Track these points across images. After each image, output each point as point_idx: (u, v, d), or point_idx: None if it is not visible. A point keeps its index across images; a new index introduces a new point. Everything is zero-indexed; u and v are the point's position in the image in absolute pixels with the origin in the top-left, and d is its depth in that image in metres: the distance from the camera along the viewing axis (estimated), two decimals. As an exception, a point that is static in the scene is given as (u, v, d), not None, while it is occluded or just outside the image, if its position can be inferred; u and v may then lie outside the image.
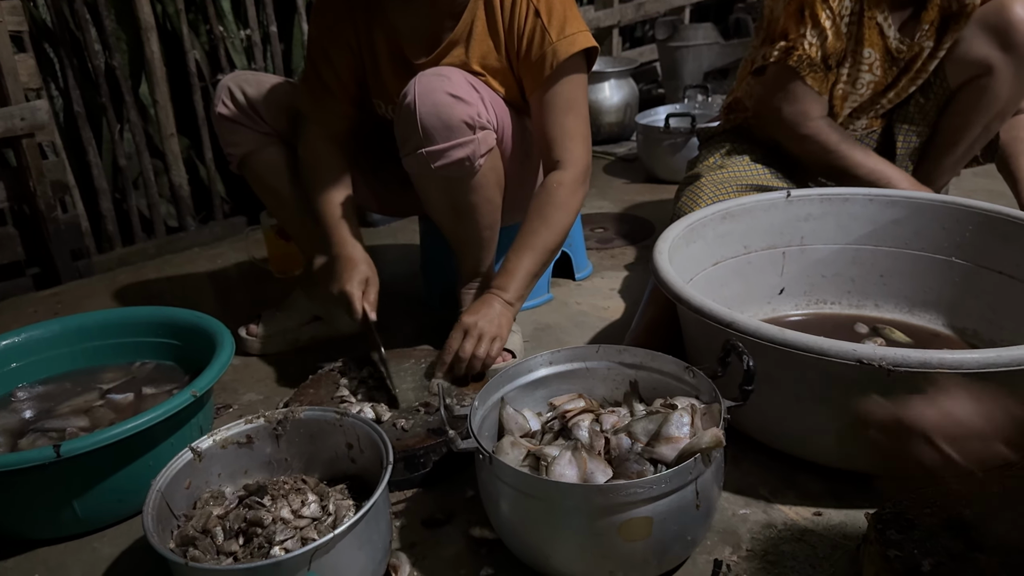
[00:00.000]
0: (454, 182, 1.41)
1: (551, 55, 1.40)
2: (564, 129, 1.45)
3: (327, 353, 1.61)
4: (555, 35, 1.40)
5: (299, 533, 0.97)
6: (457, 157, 1.36)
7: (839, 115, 1.72)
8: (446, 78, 1.34)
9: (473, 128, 1.35)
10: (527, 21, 1.41)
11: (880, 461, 1.06)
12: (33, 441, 1.26)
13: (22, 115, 2.04)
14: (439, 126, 1.34)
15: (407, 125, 1.36)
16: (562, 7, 1.42)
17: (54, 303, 2.10)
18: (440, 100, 1.32)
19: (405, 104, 1.34)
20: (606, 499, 0.93)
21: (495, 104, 1.42)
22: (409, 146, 1.38)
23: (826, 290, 1.62)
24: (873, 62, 1.63)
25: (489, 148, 1.39)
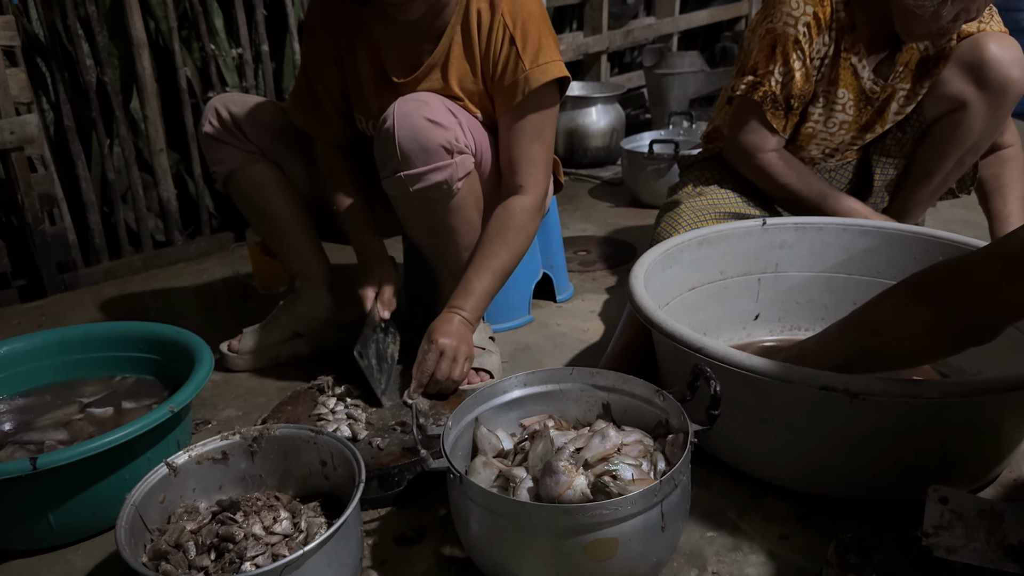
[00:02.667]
0: (433, 204, 1.44)
1: (523, 83, 1.43)
2: (529, 156, 1.48)
3: (308, 370, 1.63)
4: (528, 63, 1.43)
5: (270, 549, 0.99)
6: (435, 180, 1.39)
7: (806, 152, 1.75)
8: (424, 103, 1.38)
9: (451, 152, 1.39)
10: (502, 47, 1.44)
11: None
12: (11, 453, 1.27)
13: (12, 129, 2.06)
14: (417, 150, 1.37)
15: (386, 148, 1.39)
16: (537, 34, 1.45)
17: (39, 315, 2.11)
18: (418, 124, 1.36)
19: (384, 128, 1.38)
20: (572, 519, 0.95)
21: (473, 129, 1.45)
22: (388, 168, 1.41)
23: (800, 316, 1.65)
24: (846, 102, 1.67)
25: (467, 172, 1.43)
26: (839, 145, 1.75)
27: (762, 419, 1.16)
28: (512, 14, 1.43)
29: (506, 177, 1.51)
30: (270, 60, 2.57)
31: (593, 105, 3.11)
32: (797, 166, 1.70)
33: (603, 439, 1.10)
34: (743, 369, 1.10)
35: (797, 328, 1.65)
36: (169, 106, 2.43)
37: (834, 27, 1.60)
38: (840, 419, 1.09)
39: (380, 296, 1.48)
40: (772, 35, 1.60)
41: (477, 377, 1.58)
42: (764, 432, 1.18)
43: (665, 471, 1.05)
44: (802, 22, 1.58)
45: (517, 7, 1.44)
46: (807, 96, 1.65)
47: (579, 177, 3.08)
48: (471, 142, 1.43)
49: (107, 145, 2.37)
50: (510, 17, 1.43)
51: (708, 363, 1.12)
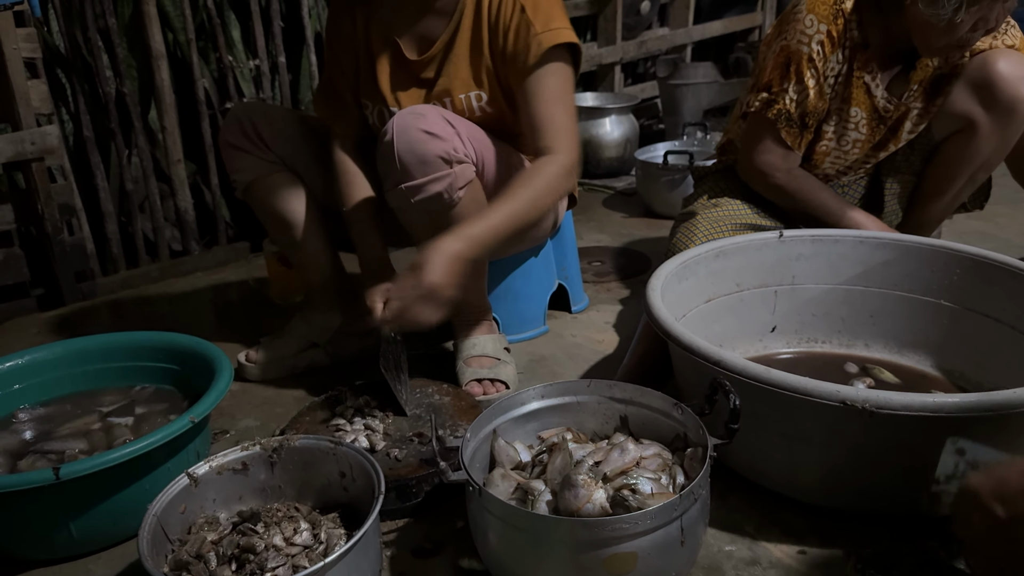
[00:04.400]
0: (435, 214, 1.45)
1: (535, 45, 1.44)
2: (552, 119, 1.45)
3: (325, 380, 1.64)
4: (540, 28, 1.44)
5: (290, 560, 0.99)
6: (435, 191, 1.41)
7: (820, 170, 1.75)
8: (421, 116, 1.40)
9: (450, 162, 1.40)
10: (512, 17, 1.46)
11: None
12: (33, 463, 1.28)
13: (32, 140, 2.08)
14: (415, 162, 1.39)
15: (387, 161, 1.42)
16: (547, 4, 1.47)
17: (57, 324, 2.13)
18: (415, 137, 1.38)
19: (385, 141, 1.41)
20: (591, 533, 0.95)
21: (473, 137, 1.46)
22: (390, 181, 1.44)
23: (817, 329, 1.64)
24: (859, 120, 1.66)
25: (468, 180, 1.44)
26: (853, 163, 1.75)
27: (781, 433, 1.16)
28: None
29: (531, 142, 1.47)
30: (287, 72, 2.59)
31: (607, 116, 3.12)
32: (812, 183, 1.70)
33: (622, 452, 1.10)
34: (762, 382, 1.10)
35: (814, 341, 1.64)
36: (186, 117, 2.45)
37: (847, 45, 1.59)
38: (859, 433, 1.09)
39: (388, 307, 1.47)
40: (786, 52, 1.61)
41: (493, 388, 1.58)
42: (783, 446, 1.17)
43: (684, 485, 1.05)
44: (815, 40, 1.57)
45: None
46: (821, 113, 1.65)
47: (593, 187, 3.09)
48: (471, 151, 1.44)
49: (125, 156, 2.39)
50: None
51: (727, 376, 1.12)
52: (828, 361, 1.60)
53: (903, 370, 1.56)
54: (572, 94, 1.52)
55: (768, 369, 1.12)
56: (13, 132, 2.07)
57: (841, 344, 1.64)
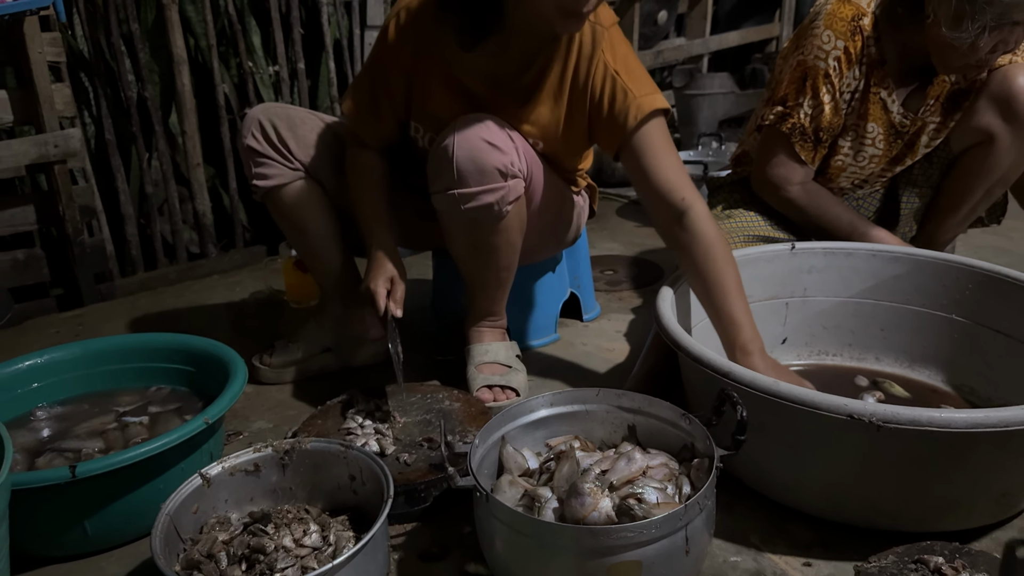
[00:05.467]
0: (480, 224, 1.46)
1: (635, 108, 1.42)
2: (676, 169, 1.44)
3: (337, 384, 1.65)
4: (637, 92, 1.43)
5: (300, 562, 1.01)
6: (486, 201, 1.42)
7: (835, 184, 1.76)
8: (485, 125, 1.40)
9: (505, 176, 1.41)
10: (606, 83, 1.44)
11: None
12: (50, 460, 1.31)
13: (55, 142, 2.12)
14: (473, 171, 1.39)
15: (441, 165, 1.41)
16: (638, 70, 1.46)
17: (76, 324, 2.16)
18: (477, 146, 1.38)
19: (443, 146, 1.40)
20: (596, 541, 0.96)
21: (527, 154, 1.47)
22: (440, 184, 1.44)
23: (827, 342, 1.65)
24: (876, 136, 1.66)
25: (517, 196, 1.45)
26: (868, 177, 1.75)
27: (787, 445, 1.16)
28: (612, 51, 1.45)
29: (665, 197, 1.42)
30: (306, 78, 2.62)
31: (622, 125, 3.13)
32: (825, 197, 1.70)
33: (629, 462, 1.11)
34: (769, 395, 1.11)
35: (824, 353, 1.65)
36: (206, 122, 2.49)
37: (864, 62, 1.60)
38: (866, 447, 1.09)
39: (393, 294, 1.47)
40: (803, 67, 1.61)
41: (504, 395, 1.60)
42: (789, 458, 1.18)
43: (690, 495, 1.06)
44: (832, 56, 1.58)
45: (616, 44, 1.46)
46: (836, 129, 1.65)
47: (607, 196, 3.10)
48: (524, 167, 1.45)
49: (146, 159, 2.43)
50: (610, 53, 1.44)
51: (734, 387, 1.13)
52: (838, 374, 1.61)
53: (914, 384, 1.56)
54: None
55: (776, 381, 1.12)
56: (37, 134, 2.11)
57: (852, 357, 1.64)
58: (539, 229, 1.62)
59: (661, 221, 1.45)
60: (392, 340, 1.45)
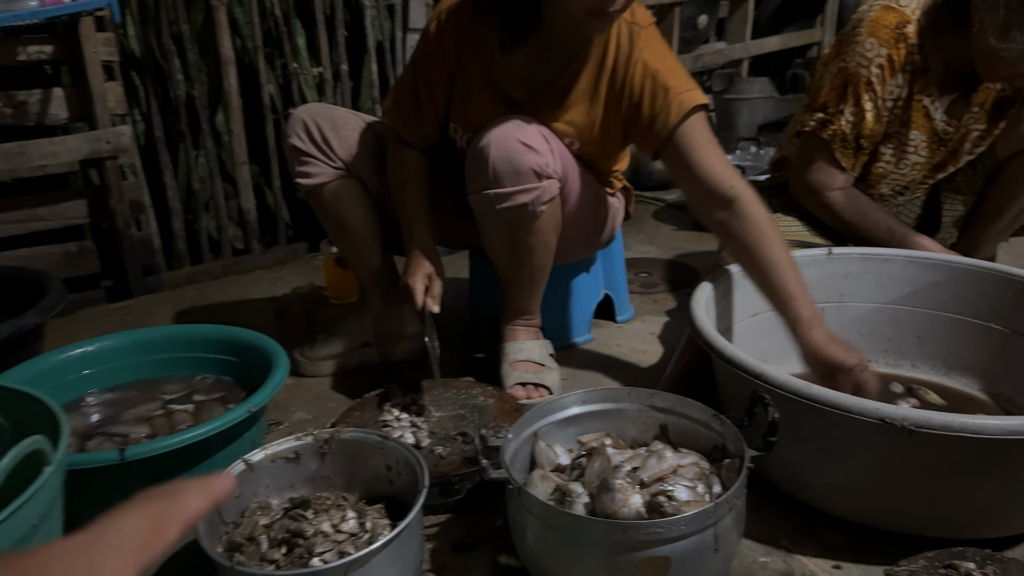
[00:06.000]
0: (515, 223, 1.49)
1: (676, 105, 1.44)
2: (720, 159, 1.46)
3: (375, 378, 1.69)
4: (678, 89, 1.45)
5: (337, 547, 1.04)
6: (521, 201, 1.45)
7: (876, 190, 1.75)
8: (520, 127, 1.43)
9: (540, 176, 1.44)
10: (645, 83, 1.46)
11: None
12: (99, 444, 1.36)
13: (108, 139, 2.19)
14: (508, 171, 1.42)
15: (478, 165, 1.45)
16: (676, 67, 1.49)
17: (124, 315, 2.23)
18: (512, 147, 1.41)
19: (479, 146, 1.43)
20: (626, 536, 0.98)
21: (562, 155, 1.50)
22: (476, 185, 1.47)
23: (863, 348, 1.62)
24: (919, 144, 1.66)
25: (552, 196, 1.47)
26: (910, 183, 1.74)
27: (820, 448, 1.17)
28: (650, 49, 1.47)
29: (714, 188, 1.43)
30: (348, 79, 2.67)
31: (660, 129, 3.13)
32: (864, 203, 1.70)
33: (660, 460, 1.13)
34: (802, 397, 1.12)
35: (859, 359, 1.64)
36: (252, 121, 2.55)
37: (908, 69, 1.59)
38: (898, 452, 1.09)
39: (431, 290, 1.51)
40: (844, 74, 1.61)
41: (537, 392, 1.62)
42: (820, 461, 1.19)
43: (720, 494, 1.07)
44: (875, 63, 1.58)
45: (654, 42, 1.48)
46: (877, 136, 1.65)
47: (643, 199, 3.10)
48: (559, 168, 1.48)
49: (193, 156, 2.49)
50: (649, 52, 1.47)
51: (767, 390, 1.14)
52: (873, 380, 1.60)
53: (949, 392, 1.55)
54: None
55: (808, 384, 1.13)
56: (90, 131, 2.18)
57: (887, 364, 1.63)
58: (574, 230, 1.64)
59: (710, 212, 1.45)
60: (429, 335, 1.48)
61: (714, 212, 1.44)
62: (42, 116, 2.16)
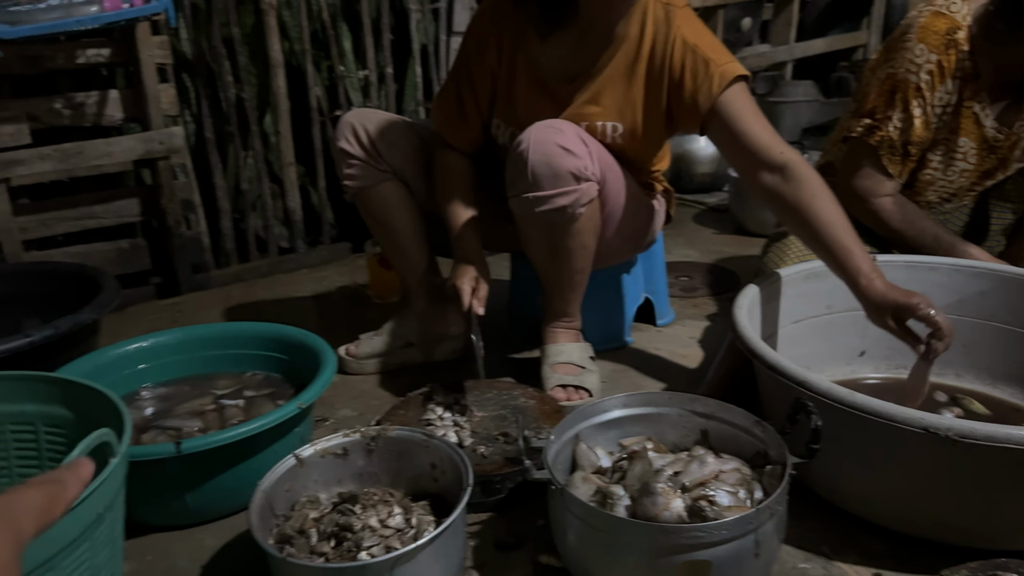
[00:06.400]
0: (554, 226, 1.51)
1: (719, 76, 1.47)
2: (766, 129, 1.47)
3: (418, 377, 1.72)
4: (719, 61, 1.48)
5: (384, 541, 1.07)
6: (560, 204, 1.47)
7: (923, 197, 1.73)
8: (559, 131, 1.45)
9: (579, 179, 1.46)
10: (685, 59, 1.49)
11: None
12: (154, 437, 1.40)
13: (160, 139, 2.25)
14: (548, 174, 1.45)
15: (517, 169, 1.47)
16: (715, 42, 1.52)
17: (174, 312, 2.29)
18: (551, 151, 1.44)
19: (519, 151, 1.46)
20: (668, 539, 0.99)
21: (602, 158, 1.52)
22: (516, 188, 1.50)
23: (907, 355, 1.61)
24: (968, 151, 1.64)
25: (591, 199, 1.49)
26: (957, 191, 1.72)
27: (862, 456, 1.17)
28: (688, 26, 1.51)
29: (762, 156, 1.45)
30: (393, 82, 2.71)
31: (702, 132, 3.13)
32: (912, 211, 1.68)
33: (701, 465, 1.14)
34: (846, 405, 1.12)
35: (903, 367, 1.62)
36: (298, 123, 2.60)
37: (958, 76, 1.58)
38: (942, 461, 1.09)
39: (477, 292, 1.55)
40: (892, 80, 1.60)
41: (577, 395, 1.63)
42: (863, 469, 1.18)
43: (762, 500, 1.08)
44: (925, 69, 1.57)
45: (691, 19, 1.52)
46: (926, 143, 1.63)
47: (684, 202, 3.10)
48: (597, 171, 1.50)
49: (242, 157, 2.55)
50: (687, 28, 1.50)
51: (810, 397, 1.14)
52: (917, 389, 1.59)
53: (995, 402, 1.53)
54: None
55: (852, 392, 1.13)
56: (144, 132, 2.25)
57: (932, 373, 1.61)
58: (614, 232, 1.65)
59: (759, 179, 1.46)
60: (475, 335, 1.51)
61: (763, 178, 1.45)
62: (98, 117, 2.23)
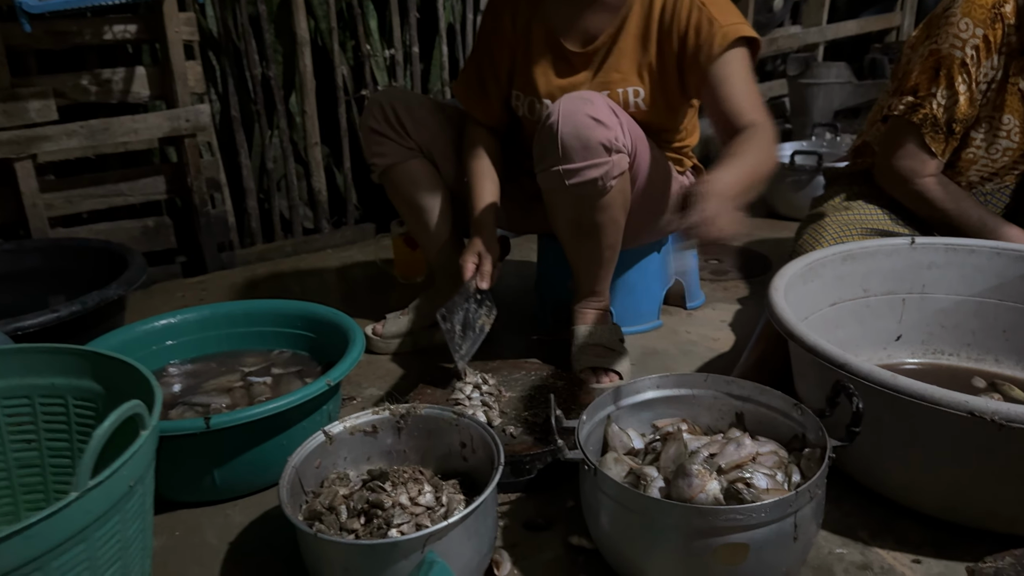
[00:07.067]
0: (584, 200, 1.48)
1: (720, 36, 1.45)
2: (750, 98, 1.45)
3: (445, 356, 1.70)
4: (723, 21, 1.46)
5: (414, 519, 1.05)
6: (591, 176, 1.44)
7: (964, 177, 1.69)
8: (589, 101, 1.42)
9: (609, 151, 1.42)
10: (691, 15, 1.48)
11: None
12: (182, 413, 1.40)
13: (187, 117, 2.24)
14: (578, 146, 1.41)
15: (547, 142, 1.44)
16: (725, 3, 1.50)
17: (199, 290, 2.29)
18: (581, 122, 1.40)
19: (548, 123, 1.43)
20: (704, 521, 0.97)
21: (632, 130, 1.49)
22: (546, 163, 1.46)
23: (945, 341, 1.59)
24: (1012, 128, 1.60)
25: (621, 171, 1.46)
26: (999, 170, 1.68)
27: (903, 441, 1.14)
28: None
29: (731, 127, 1.43)
30: (419, 61, 2.68)
31: (731, 114, 3.08)
32: (955, 191, 1.64)
33: (738, 447, 1.11)
34: (888, 388, 1.09)
35: (940, 352, 1.59)
36: (324, 103, 2.58)
37: (1003, 51, 1.53)
38: (986, 447, 1.06)
39: (481, 267, 1.54)
40: (936, 56, 1.56)
41: (607, 377, 1.61)
42: (904, 455, 1.15)
43: (800, 484, 1.06)
44: (970, 45, 1.52)
45: None
46: (970, 121, 1.59)
47: (712, 186, 3.05)
48: (628, 142, 1.47)
49: (268, 136, 2.54)
50: None
51: (851, 380, 1.11)
52: (955, 374, 1.55)
53: (1037, 389, 1.49)
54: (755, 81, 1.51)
55: (895, 375, 1.10)
56: (171, 109, 2.24)
57: (969, 358, 1.58)
58: (644, 207, 1.62)
59: (724, 142, 1.43)
60: (449, 311, 1.49)
61: (727, 140, 1.42)
62: (125, 94, 2.22)
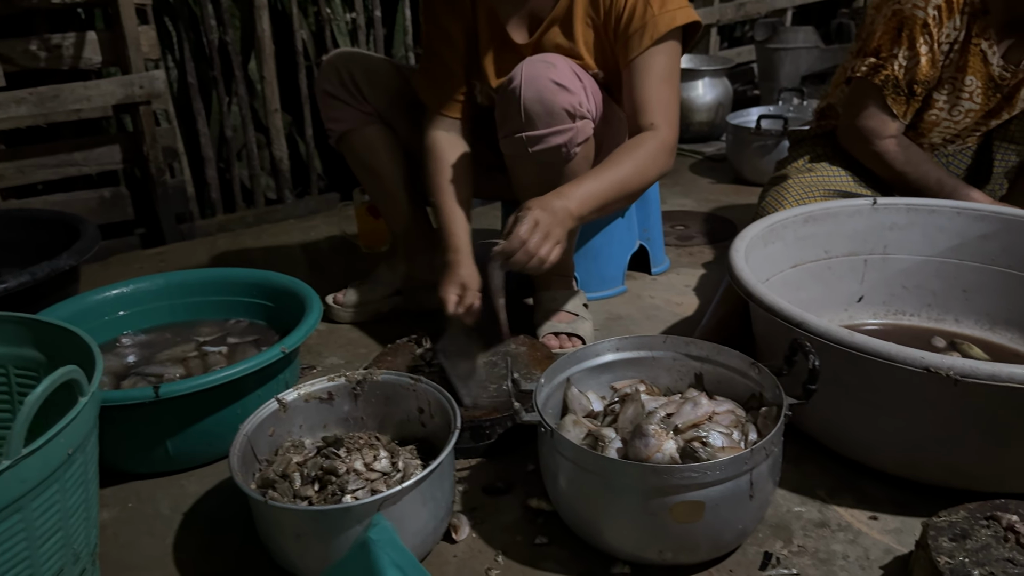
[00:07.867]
0: (548, 167, 1.45)
1: (651, 27, 1.41)
2: (660, 96, 1.43)
3: (406, 325, 1.69)
4: (657, 9, 1.42)
5: (370, 485, 1.04)
6: (555, 143, 1.40)
7: (927, 139, 1.69)
8: (552, 65, 1.38)
9: (573, 116, 1.39)
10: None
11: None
12: (134, 383, 1.37)
13: (141, 83, 2.18)
14: (541, 112, 1.38)
15: (509, 108, 1.40)
16: None
17: (158, 261, 2.25)
18: (544, 87, 1.36)
19: (510, 88, 1.39)
20: (660, 479, 0.96)
21: (595, 95, 1.45)
22: (508, 128, 1.43)
23: (906, 301, 1.60)
24: (974, 90, 1.59)
25: (586, 137, 1.43)
26: (961, 132, 1.68)
27: (861, 399, 1.14)
28: None
29: (634, 119, 1.44)
30: (381, 26, 2.63)
31: (700, 78, 3.06)
32: (915, 153, 1.64)
33: (695, 406, 1.11)
34: (844, 346, 1.09)
35: (902, 313, 1.60)
36: (284, 68, 2.53)
37: (966, 11, 1.52)
38: (943, 403, 1.06)
39: (463, 300, 1.40)
40: (899, 17, 1.54)
41: (570, 342, 1.60)
42: (862, 413, 1.16)
43: (756, 442, 1.05)
44: (932, 5, 1.51)
45: None
46: (932, 82, 1.58)
47: (681, 152, 3.04)
48: (593, 107, 1.43)
49: (226, 104, 2.48)
50: None
51: (808, 338, 1.11)
52: (915, 334, 1.56)
53: (994, 347, 1.50)
54: (678, 73, 1.49)
55: (852, 333, 1.10)
56: (124, 75, 2.18)
57: (930, 318, 1.59)
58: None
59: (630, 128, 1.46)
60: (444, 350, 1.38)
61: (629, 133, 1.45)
62: (76, 60, 2.16)
